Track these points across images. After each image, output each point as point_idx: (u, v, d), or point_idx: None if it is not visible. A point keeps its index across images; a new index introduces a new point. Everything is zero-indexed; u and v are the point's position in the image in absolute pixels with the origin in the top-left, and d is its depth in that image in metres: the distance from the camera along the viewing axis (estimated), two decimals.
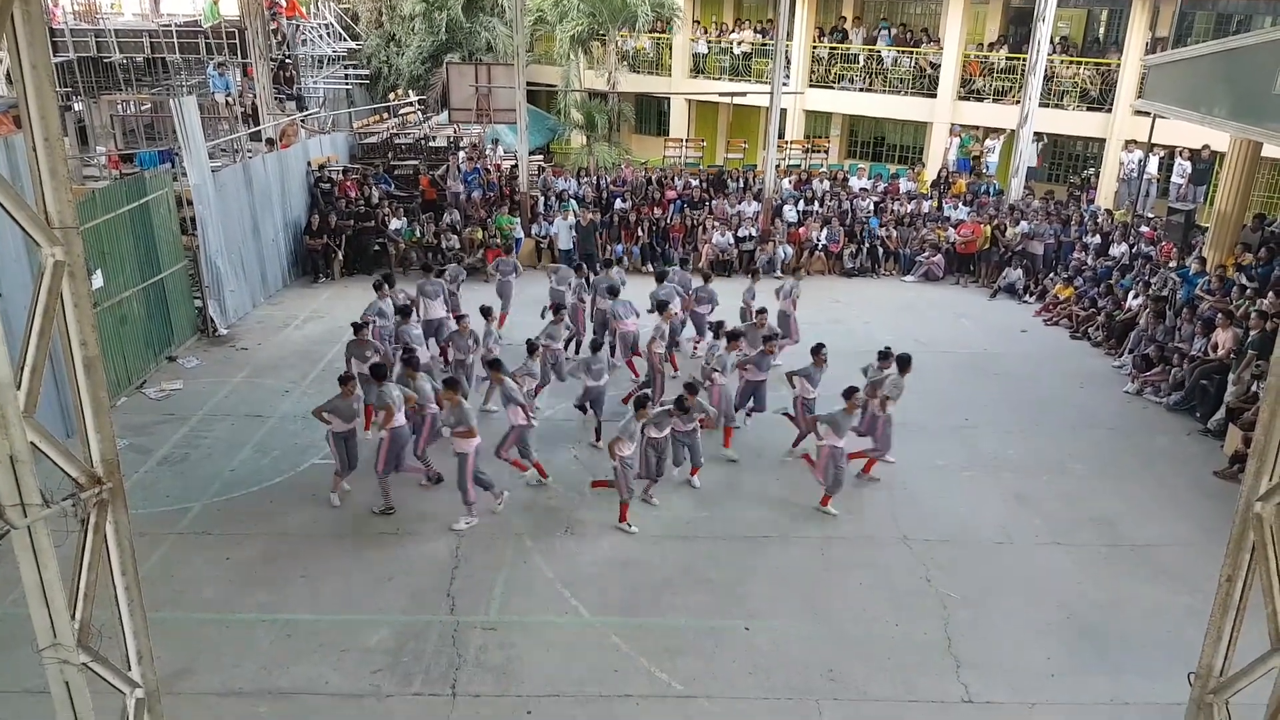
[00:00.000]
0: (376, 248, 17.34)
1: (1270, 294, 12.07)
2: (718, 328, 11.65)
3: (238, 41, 20.72)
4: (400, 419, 9.31)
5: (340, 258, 17.10)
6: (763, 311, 12.14)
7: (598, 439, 10.90)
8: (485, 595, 8.22)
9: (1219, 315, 12.15)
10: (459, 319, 11.85)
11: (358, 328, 11.03)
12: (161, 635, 6.05)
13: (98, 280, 11.37)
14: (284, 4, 21.97)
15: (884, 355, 10.50)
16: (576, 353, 12.61)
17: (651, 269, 17.50)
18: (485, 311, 11.91)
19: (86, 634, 3.91)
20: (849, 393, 9.47)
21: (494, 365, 9.88)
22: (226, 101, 20.52)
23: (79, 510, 3.88)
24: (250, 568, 8.57)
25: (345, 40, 24.56)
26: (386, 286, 12.16)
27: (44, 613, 3.76)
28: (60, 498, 3.75)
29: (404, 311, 11.73)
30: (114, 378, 11.70)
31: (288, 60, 22.09)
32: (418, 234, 17.67)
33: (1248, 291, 12.76)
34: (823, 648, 7.65)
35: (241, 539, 8.99)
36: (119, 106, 20.74)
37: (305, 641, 7.60)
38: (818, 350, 10.59)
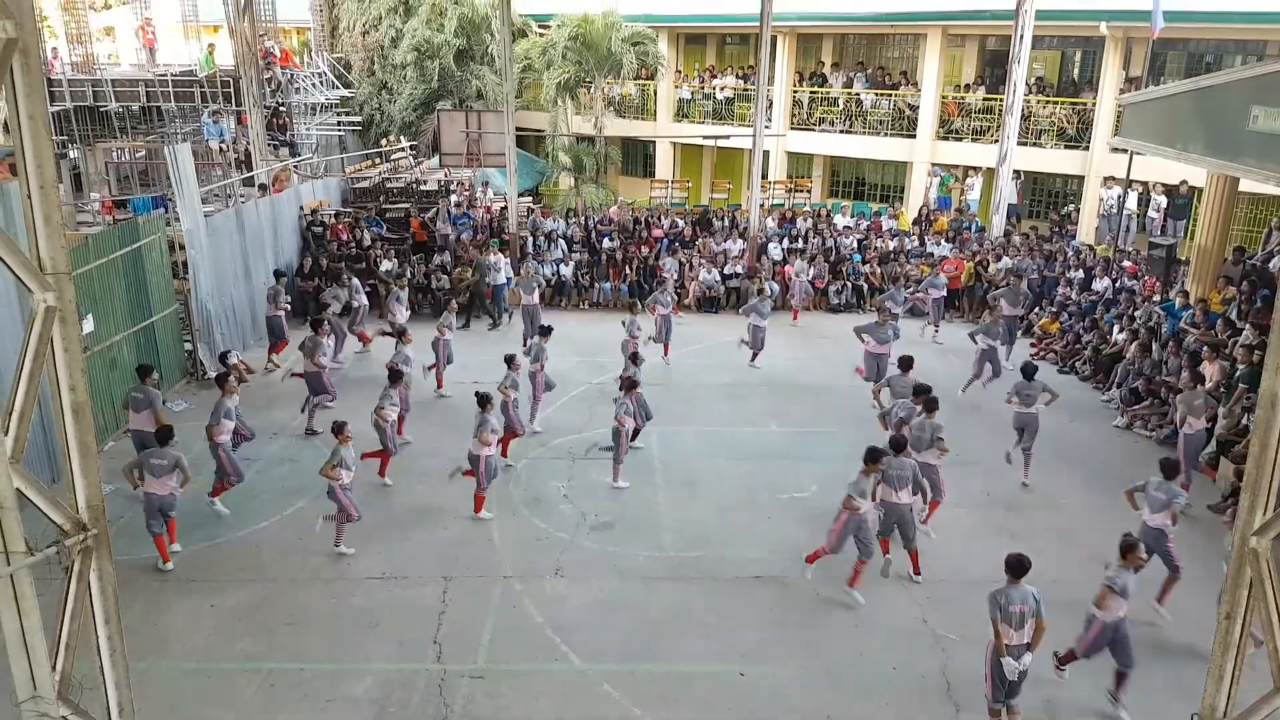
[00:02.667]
0: (368, 289, 17.37)
1: (1249, 326, 12.18)
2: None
3: (232, 90, 20.94)
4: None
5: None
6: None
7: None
8: (473, 642, 8.08)
9: (1204, 348, 12.25)
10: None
11: (394, 375, 10.98)
12: (143, 686, 5.92)
13: (88, 325, 11.34)
14: (278, 54, 22.26)
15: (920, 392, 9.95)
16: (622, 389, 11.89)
17: (640, 306, 17.62)
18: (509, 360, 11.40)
19: (67, 686, 3.82)
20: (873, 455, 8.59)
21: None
22: (220, 148, 20.66)
23: (63, 557, 3.82)
24: (234, 615, 8.42)
25: (338, 88, 24.82)
26: (409, 333, 12.61)
27: (24, 663, 3.68)
28: (45, 544, 3.69)
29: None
30: (102, 422, 11.59)
31: (281, 108, 22.30)
32: (408, 275, 17.71)
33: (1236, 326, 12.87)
34: (820, 692, 7.54)
35: (226, 586, 8.85)
36: (114, 153, 20.83)
37: (289, 691, 7.45)
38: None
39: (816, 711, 7.31)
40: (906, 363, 11.39)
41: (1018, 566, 6.62)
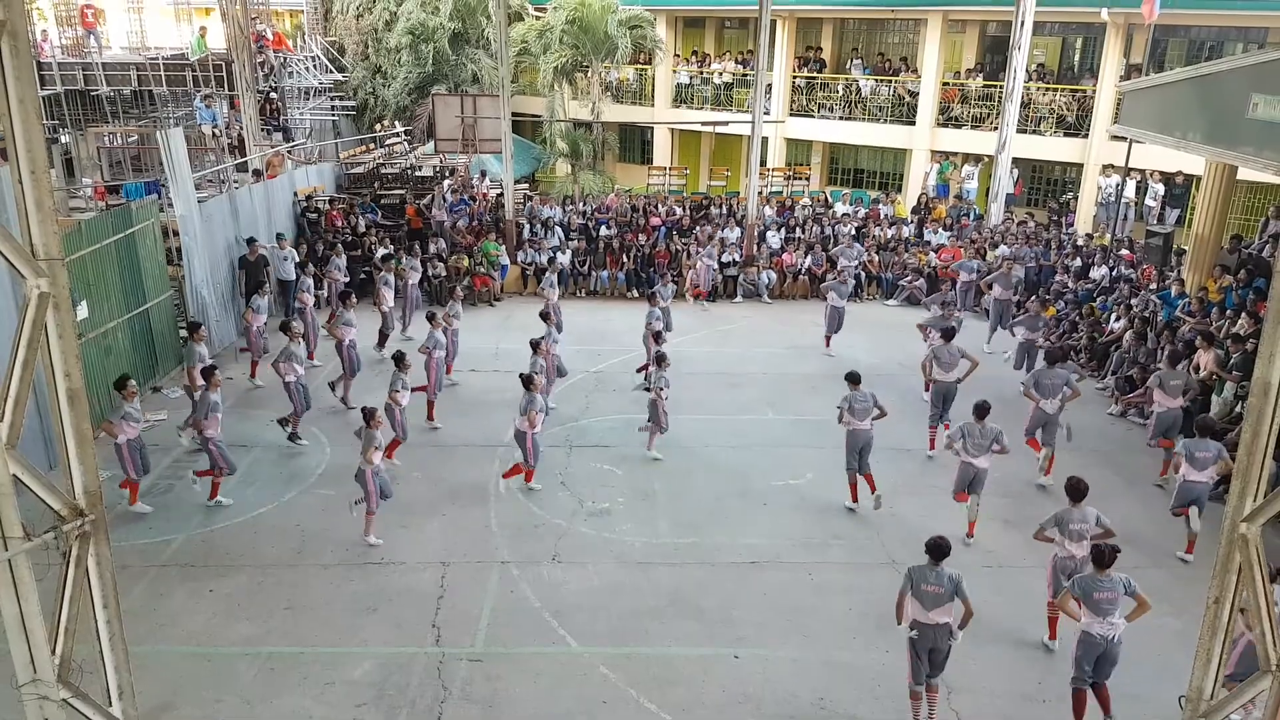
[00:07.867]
0: (363, 276, 17.34)
1: (1245, 316, 12.21)
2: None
3: (224, 74, 20.81)
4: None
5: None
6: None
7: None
8: (471, 626, 8.14)
9: (1199, 337, 12.27)
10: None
11: (399, 358, 10.83)
12: (143, 669, 5.96)
13: (82, 311, 11.32)
14: (271, 37, 22.12)
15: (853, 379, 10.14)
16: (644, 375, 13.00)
17: (636, 294, 17.63)
18: (544, 315, 12.64)
19: (67, 669, 3.85)
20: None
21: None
22: (213, 133, 20.57)
23: (61, 543, 3.84)
24: (233, 600, 8.46)
25: (332, 72, 24.69)
26: (438, 317, 12.61)
27: (24, 647, 3.71)
28: (42, 530, 3.71)
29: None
30: (97, 409, 11.54)
31: (274, 92, 22.18)
32: (403, 262, 17.66)
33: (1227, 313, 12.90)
34: (813, 675, 7.60)
35: (225, 571, 8.89)
36: (106, 138, 20.71)
37: (288, 674, 7.50)
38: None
39: (809, 693, 7.38)
40: (949, 333, 11.78)
41: (936, 549, 6.71)
